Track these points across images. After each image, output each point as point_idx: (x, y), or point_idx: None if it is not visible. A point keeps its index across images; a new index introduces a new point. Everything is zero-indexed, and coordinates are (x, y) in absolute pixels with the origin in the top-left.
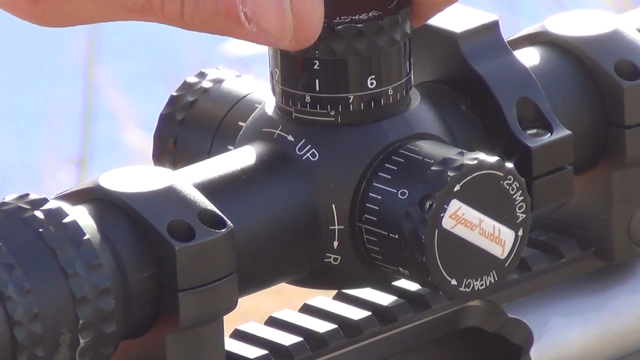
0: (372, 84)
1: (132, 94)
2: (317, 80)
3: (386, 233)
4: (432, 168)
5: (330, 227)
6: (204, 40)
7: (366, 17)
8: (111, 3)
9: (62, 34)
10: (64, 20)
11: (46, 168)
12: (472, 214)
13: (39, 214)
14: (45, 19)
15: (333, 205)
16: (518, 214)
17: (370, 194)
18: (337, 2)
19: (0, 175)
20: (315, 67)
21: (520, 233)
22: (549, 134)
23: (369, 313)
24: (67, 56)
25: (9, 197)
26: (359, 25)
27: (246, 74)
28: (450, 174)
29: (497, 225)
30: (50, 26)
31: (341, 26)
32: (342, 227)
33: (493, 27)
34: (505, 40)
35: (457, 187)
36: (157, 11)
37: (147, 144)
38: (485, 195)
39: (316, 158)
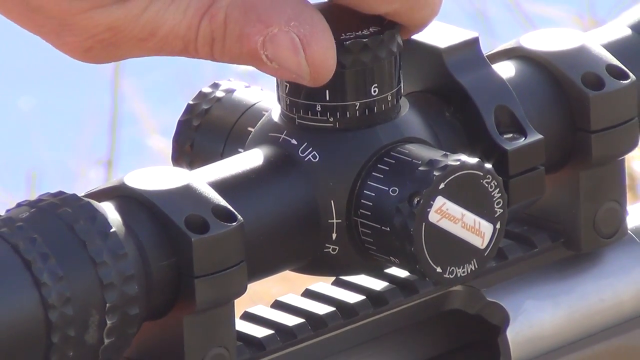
0: (365, 94)
1: (153, 103)
2: (317, 91)
3: (379, 226)
4: (420, 168)
5: (329, 221)
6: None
7: (368, 32)
8: (155, 49)
9: None
10: (112, 60)
11: (78, 168)
12: (455, 209)
13: (70, 209)
14: (96, 60)
15: (332, 202)
16: (496, 209)
17: (364, 191)
18: (343, 20)
19: (37, 175)
20: None
21: (498, 226)
22: (523, 138)
23: (364, 297)
24: (96, 69)
25: (44, 195)
26: (364, 40)
27: (254, 85)
28: (435, 173)
29: (477, 219)
30: (99, 63)
31: (349, 41)
32: (340, 220)
33: (474, 43)
34: (484, 55)
35: (441, 185)
36: (192, 53)
37: (167, 147)
38: (467, 193)
39: (317, 160)
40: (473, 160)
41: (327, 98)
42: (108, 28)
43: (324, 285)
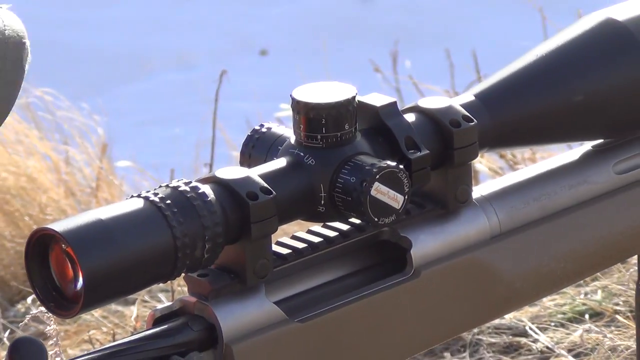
0: (337, 130)
1: (233, 134)
2: (313, 128)
3: (346, 197)
4: (366, 167)
5: (320, 194)
6: (265, 111)
7: (327, 103)
8: None
9: (199, 107)
10: None
11: (195, 167)
12: (384, 189)
13: (187, 187)
14: None
15: (321, 185)
16: (405, 189)
17: (338, 179)
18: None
19: (175, 171)
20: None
21: (406, 197)
22: (419, 152)
23: (338, 233)
24: (204, 117)
25: (175, 180)
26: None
27: (282, 125)
28: (374, 170)
29: (396, 193)
30: None
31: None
32: (326, 194)
33: (394, 103)
34: (400, 109)
35: (378, 176)
36: None
37: (238, 157)
38: (390, 180)
39: (314, 163)
40: (393, 163)
41: (319, 132)
42: None
43: (318, 227)
